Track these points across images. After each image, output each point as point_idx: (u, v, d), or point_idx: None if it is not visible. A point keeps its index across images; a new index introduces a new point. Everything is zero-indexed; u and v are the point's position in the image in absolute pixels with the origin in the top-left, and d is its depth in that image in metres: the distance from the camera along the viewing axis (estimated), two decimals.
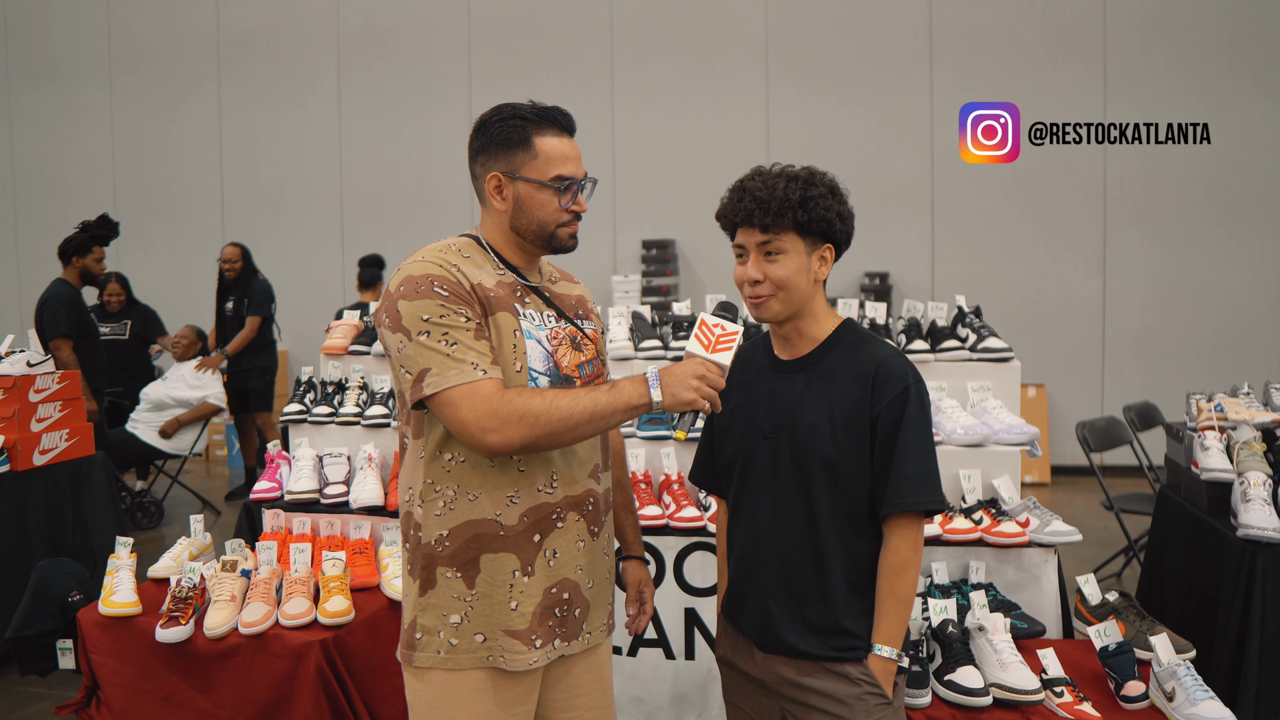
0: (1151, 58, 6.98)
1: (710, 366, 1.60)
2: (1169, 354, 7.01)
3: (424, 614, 1.64)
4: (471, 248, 1.70)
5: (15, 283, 9.11)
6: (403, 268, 1.63)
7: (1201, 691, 2.02)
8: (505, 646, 1.62)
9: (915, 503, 1.64)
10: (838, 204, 1.68)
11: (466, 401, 1.52)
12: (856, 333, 1.75)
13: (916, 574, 1.67)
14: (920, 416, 1.66)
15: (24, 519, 3.85)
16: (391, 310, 1.58)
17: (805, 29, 7.51)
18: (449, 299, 1.57)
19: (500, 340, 1.61)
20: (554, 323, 1.71)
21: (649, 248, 7.57)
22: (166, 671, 2.55)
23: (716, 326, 1.63)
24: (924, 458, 1.66)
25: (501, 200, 1.68)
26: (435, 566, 1.63)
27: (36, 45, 8.94)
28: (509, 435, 1.52)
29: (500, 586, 1.62)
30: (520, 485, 1.63)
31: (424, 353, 1.55)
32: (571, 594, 1.69)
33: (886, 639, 1.66)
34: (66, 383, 4.19)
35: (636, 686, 2.79)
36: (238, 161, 8.59)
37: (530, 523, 1.63)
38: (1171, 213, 7.00)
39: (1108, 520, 5.10)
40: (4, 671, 3.65)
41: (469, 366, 1.53)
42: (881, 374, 1.66)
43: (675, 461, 2.96)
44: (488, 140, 1.68)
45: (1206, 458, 2.97)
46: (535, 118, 1.67)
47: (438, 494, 1.63)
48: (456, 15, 8.03)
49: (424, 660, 1.63)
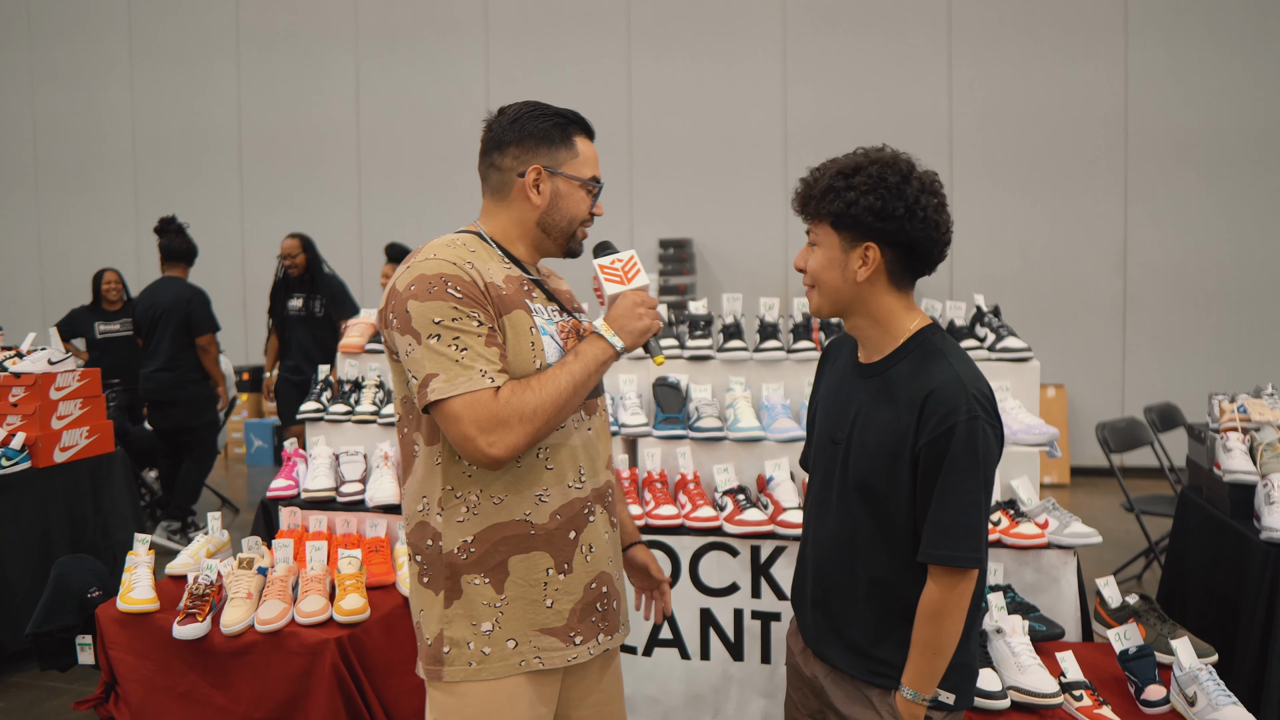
0: (1174, 44, 6.91)
1: (640, 293, 1.65)
2: (1191, 354, 6.94)
3: (451, 626, 1.59)
4: (476, 243, 1.65)
5: (36, 255, 9.21)
6: (413, 265, 1.57)
7: (1224, 696, 1.99)
8: (541, 646, 1.60)
9: (944, 558, 1.52)
10: (882, 199, 1.53)
11: (469, 411, 1.47)
12: (929, 345, 1.59)
13: (955, 624, 1.54)
14: (967, 458, 1.50)
15: (45, 515, 3.89)
16: (401, 311, 1.54)
17: (822, 24, 7.48)
18: (462, 301, 1.52)
19: (518, 339, 1.58)
20: (559, 316, 1.70)
21: (666, 247, 7.56)
22: (184, 668, 2.57)
23: (615, 262, 1.67)
24: (962, 508, 1.51)
25: (538, 194, 1.65)
26: (460, 575, 1.58)
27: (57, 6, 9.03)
28: (513, 440, 1.49)
29: (534, 586, 1.59)
30: (550, 483, 1.61)
31: (433, 357, 1.50)
32: (609, 587, 1.70)
33: (912, 681, 1.57)
34: (87, 380, 4.22)
35: (651, 686, 2.78)
36: (256, 134, 8.64)
37: (564, 520, 1.62)
38: (1194, 212, 6.93)
39: (1128, 522, 5.06)
40: (25, 666, 3.69)
41: (477, 374, 1.49)
42: (931, 404, 1.51)
43: (691, 461, 2.95)
44: (526, 133, 1.65)
45: (1229, 459, 2.93)
46: (574, 119, 1.69)
47: (459, 500, 1.59)
48: (474, 14, 8.05)
49: (455, 674, 1.58)
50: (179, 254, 5.61)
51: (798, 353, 3.10)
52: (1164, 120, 6.93)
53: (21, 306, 9.03)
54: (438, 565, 1.60)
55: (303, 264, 5.60)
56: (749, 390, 3.09)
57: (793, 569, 2.63)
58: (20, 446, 3.85)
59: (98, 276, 6.39)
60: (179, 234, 5.64)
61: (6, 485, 3.76)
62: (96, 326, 6.21)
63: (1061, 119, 7.07)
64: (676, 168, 7.75)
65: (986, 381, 1.59)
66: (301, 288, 5.63)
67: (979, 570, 1.54)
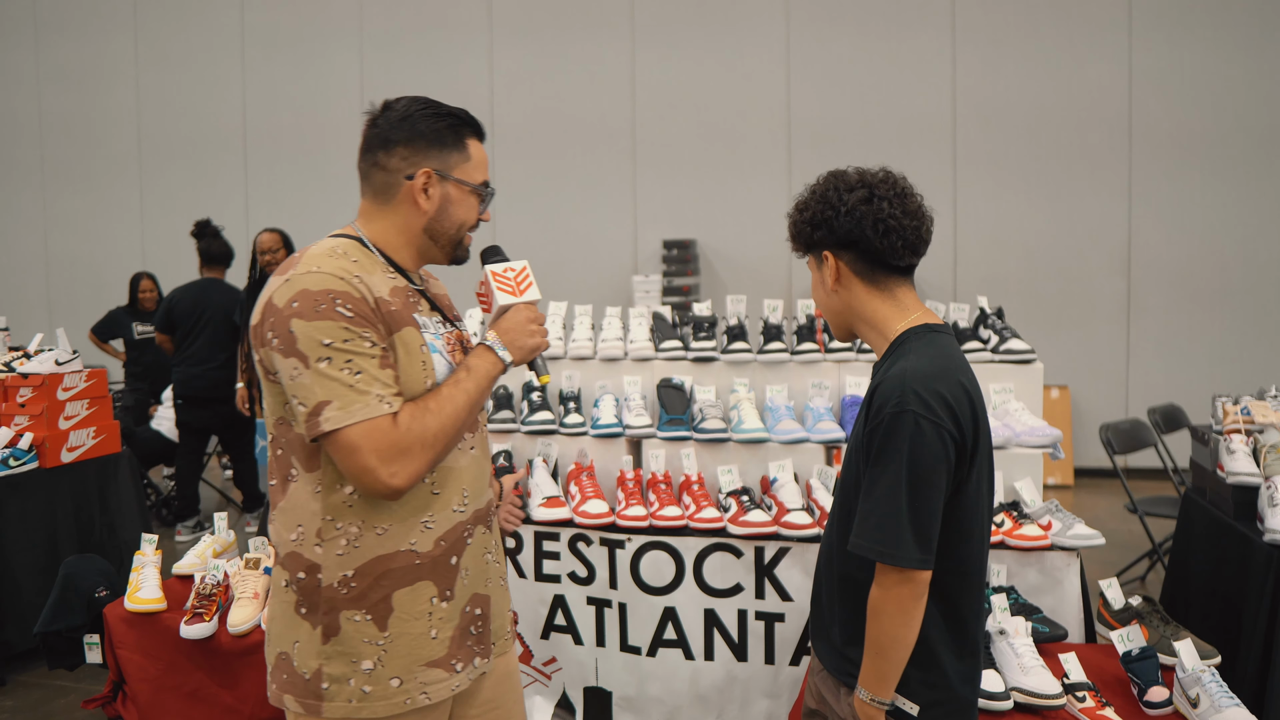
0: (1178, 43, 6.91)
1: (530, 307, 1.61)
2: (1194, 355, 6.94)
3: (330, 662, 1.49)
4: (357, 250, 1.53)
5: (42, 256, 9.24)
6: (293, 279, 1.43)
7: (1227, 698, 2.00)
8: (426, 680, 1.52)
9: (861, 547, 1.51)
10: (813, 210, 1.63)
11: (368, 441, 1.38)
12: (905, 345, 1.60)
13: (893, 625, 1.51)
14: (890, 449, 1.48)
15: (52, 515, 3.91)
16: (283, 330, 1.40)
17: (825, 25, 7.48)
18: (354, 320, 1.41)
19: (409, 358, 1.48)
20: (444, 328, 1.61)
21: (670, 248, 7.56)
22: (191, 667, 2.59)
23: (507, 271, 1.63)
24: (878, 498, 1.49)
25: (426, 199, 1.55)
26: (339, 611, 1.48)
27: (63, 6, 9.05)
28: (416, 468, 1.42)
29: (418, 619, 1.51)
30: (435, 508, 1.53)
31: (324, 383, 1.38)
32: (483, 608, 1.63)
33: (863, 680, 1.56)
34: (93, 381, 4.24)
35: (655, 687, 2.79)
36: (260, 112, 8.66)
37: (448, 545, 1.54)
38: (1198, 212, 6.92)
39: (1131, 524, 5.05)
40: (33, 665, 3.71)
41: (374, 399, 1.39)
42: (875, 399, 1.55)
43: (695, 462, 2.96)
44: (416, 133, 1.55)
45: (1232, 461, 2.94)
46: (465, 120, 1.60)
47: (339, 531, 1.48)
48: (478, 15, 8.06)
49: (335, 711, 1.49)
50: (219, 257, 5.68)
51: (801, 354, 3.11)
52: (1168, 120, 6.92)
53: (28, 307, 9.06)
54: (315, 599, 1.49)
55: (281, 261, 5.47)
56: (753, 392, 3.10)
57: (796, 571, 2.67)
58: (28, 447, 3.87)
59: (135, 281, 6.56)
60: (216, 237, 5.71)
61: (14, 485, 3.77)
62: (134, 327, 6.39)
63: (1065, 118, 7.07)
64: (680, 168, 7.76)
65: (954, 384, 1.53)
66: None
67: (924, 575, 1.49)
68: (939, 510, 1.51)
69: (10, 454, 3.79)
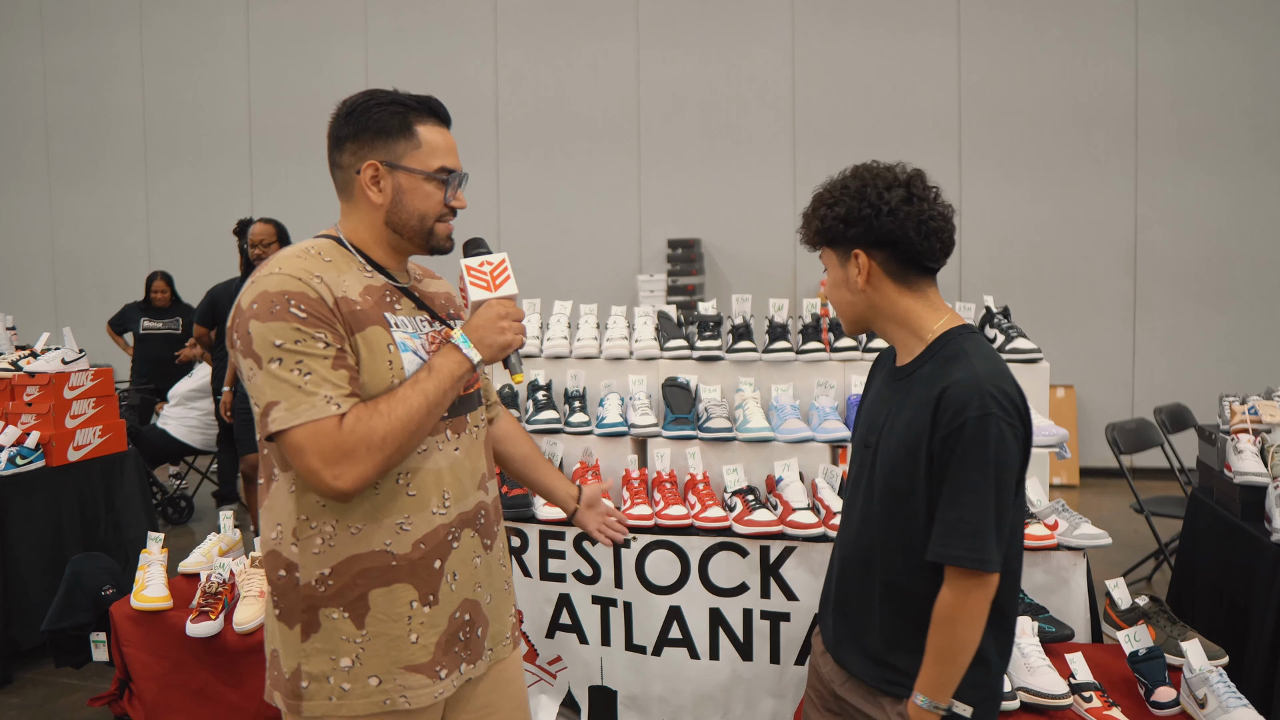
0: (1184, 41, 6.89)
1: (505, 303, 1.54)
2: (1201, 355, 6.92)
3: (309, 660, 1.49)
4: (333, 250, 1.54)
5: (49, 254, 9.27)
6: (257, 280, 1.45)
7: (1235, 699, 1.99)
8: (406, 684, 1.50)
9: (947, 556, 1.49)
10: (845, 206, 1.59)
11: (313, 441, 1.37)
12: (955, 346, 1.58)
13: (968, 630, 1.50)
14: (976, 455, 1.46)
15: (58, 514, 3.92)
16: (243, 331, 1.41)
17: (831, 24, 7.47)
18: (306, 321, 1.40)
19: (373, 358, 1.46)
20: (429, 327, 1.58)
21: (674, 247, 7.56)
22: (197, 665, 2.59)
23: (484, 265, 1.56)
24: (969, 505, 1.47)
25: (378, 192, 1.54)
26: (318, 609, 1.48)
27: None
28: (363, 470, 1.39)
29: (397, 621, 1.50)
30: (412, 510, 1.50)
31: (274, 383, 1.38)
32: (473, 614, 1.60)
33: (924, 687, 1.53)
34: (100, 380, 4.25)
35: (660, 686, 2.79)
36: (265, 106, 8.68)
37: (429, 549, 1.52)
38: (1204, 211, 6.91)
39: (1138, 524, 5.04)
40: (40, 663, 3.72)
41: (321, 400, 1.38)
42: (944, 401, 1.50)
43: (700, 461, 2.96)
44: (361, 126, 1.53)
45: (1240, 461, 2.93)
46: (416, 105, 1.56)
47: (314, 530, 1.48)
48: (483, 13, 8.06)
49: (315, 709, 1.49)
50: None
51: (807, 354, 3.11)
52: (1174, 117, 6.91)
53: (34, 305, 9.09)
54: (294, 597, 1.50)
55: None
56: (758, 391, 3.09)
57: (801, 570, 2.66)
58: (34, 445, 3.88)
59: (150, 280, 6.65)
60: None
61: (20, 484, 3.79)
62: (142, 321, 6.45)
63: (1071, 116, 7.05)
64: (685, 167, 7.76)
65: (1014, 382, 1.54)
66: None
67: (997, 577, 1.49)
68: (1011, 511, 1.52)
69: (17, 452, 3.81)
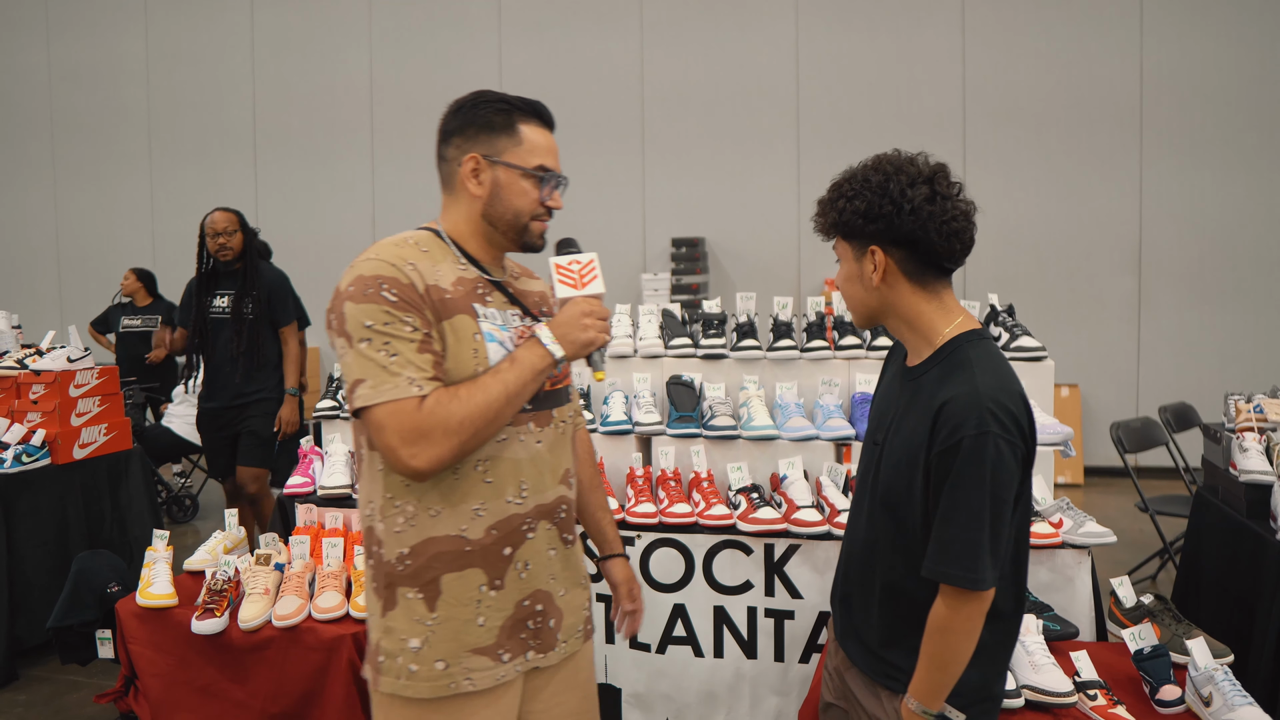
0: (1189, 39, 6.88)
1: (591, 301, 1.56)
2: (1206, 353, 6.91)
3: (385, 637, 1.55)
4: (431, 241, 1.59)
5: (54, 253, 9.29)
6: (355, 264, 1.52)
7: (1240, 697, 1.98)
8: (471, 666, 1.54)
9: (939, 574, 1.48)
10: (865, 201, 1.52)
11: (391, 420, 1.42)
12: (960, 355, 1.54)
13: (961, 642, 1.50)
14: (972, 473, 1.44)
15: (64, 511, 3.93)
16: (339, 311, 1.48)
17: (835, 21, 7.47)
18: (396, 304, 1.46)
19: (459, 345, 1.51)
20: (518, 321, 1.62)
21: (678, 245, 7.57)
22: (202, 662, 2.60)
23: (572, 264, 1.58)
24: (963, 525, 1.46)
25: (477, 184, 1.59)
26: (396, 586, 1.54)
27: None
28: (438, 452, 1.43)
29: (466, 605, 1.54)
30: (487, 497, 1.55)
31: (362, 362, 1.45)
32: (545, 605, 1.63)
33: (916, 692, 1.54)
34: (105, 378, 4.26)
35: (665, 684, 2.79)
36: (271, 105, 8.70)
37: (499, 535, 1.56)
38: (1209, 210, 6.89)
39: (1142, 522, 5.04)
40: (46, 660, 3.73)
41: (404, 381, 1.43)
42: (943, 415, 1.47)
43: (705, 459, 2.96)
44: (467, 121, 1.60)
45: (1245, 459, 2.92)
46: (521, 105, 1.61)
47: (397, 509, 1.54)
48: (487, 11, 8.07)
49: (387, 686, 1.55)
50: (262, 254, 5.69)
51: (811, 352, 3.11)
52: (1179, 116, 6.90)
53: (40, 303, 9.11)
54: (379, 572, 1.56)
55: (237, 247, 4.29)
56: (763, 389, 3.09)
57: (805, 568, 2.66)
58: (40, 443, 3.90)
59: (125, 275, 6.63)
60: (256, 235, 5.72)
61: (26, 481, 3.80)
62: (121, 319, 6.41)
63: (1076, 114, 7.04)
64: (689, 166, 7.76)
65: (1018, 396, 1.50)
66: (231, 281, 4.32)
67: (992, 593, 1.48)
68: (1010, 526, 1.50)
69: (23, 450, 3.82)
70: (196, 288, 4.35)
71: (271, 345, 4.36)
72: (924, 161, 1.56)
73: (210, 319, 4.30)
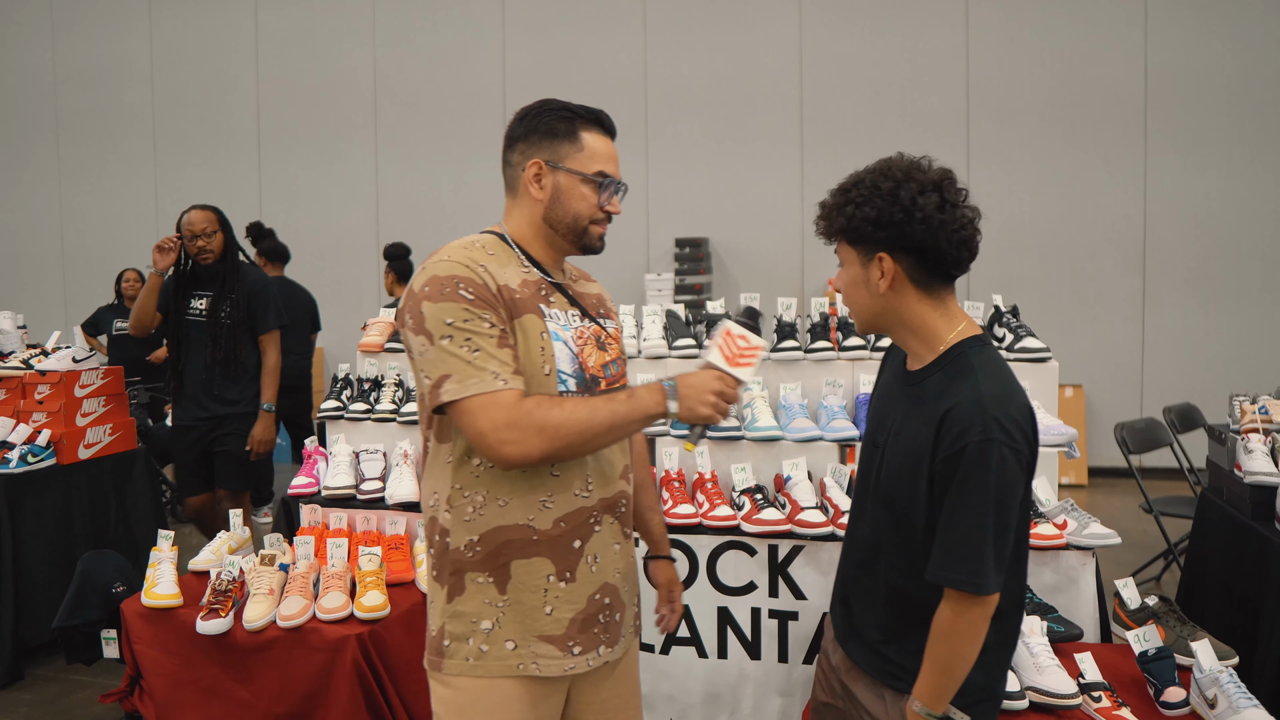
0: (1194, 40, 6.86)
1: (728, 380, 1.56)
2: (1211, 354, 6.89)
3: (453, 621, 1.61)
4: (496, 245, 1.66)
5: (59, 252, 9.31)
6: (427, 266, 1.59)
7: (1245, 699, 1.98)
8: (538, 652, 1.60)
9: (943, 578, 1.49)
10: (876, 208, 1.51)
11: (484, 412, 1.48)
12: (964, 361, 1.55)
13: (966, 646, 1.51)
14: (976, 480, 1.45)
15: (69, 511, 3.94)
16: (415, 311, 1.55)
17: (838, 22, 7.46)
18: (474, 302, 1.53)
19: (527, 343, 1.58)
20: (579, 322, 1.68)
21: (682, 246, 7.56)
22: (207, 662, 2.60)
23: (741, 339, 1.57)
24: (966, 529, 1.47)
25: (539, 189, 1.65)
26: (465, 572, 1.60)
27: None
28: (528, 447, 1.49)
29: (533, 592, 1.60)
30: (555, 490, 1.60)
31: (445, 358, 1.51)
32: (613, 598, 1.68)
33: (921, 694, 1.55)
34: (110, 378, 4.27)
35: (668, 685, 2.79)
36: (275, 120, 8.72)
37: (569, 528, 1.61)
38: (1213, 210, 6.88)
39: (1147, 523, 5.03)
40: (51, 660, 3.74)
41: (490, 375, 1.50)
42: (947, 422, 1.48)
43: (709, 460, 2.96)
44: (531, 128, 1.66)
45: (1250, 461, 2.92)
46: (583, 114, 1.67)
47: (466, 499, 1.60)
48: (491, 11, 8.08)
49: (453, 668, 1.61)
50: (282, 254, 5.81)
51: (815, 352, 3.11)
52: (1184, 113, 6.88)
53: (45, 303, 9.13)
54: (445, 561, 1.62)
55: (218, 248, 4.00)
56: (766, 390, 3.09)
57: (809, 569, 2.66)
58: (45, 443, 3.90)
59: (119, 277, 6.57)
60: (273, 236, 5.83)
61: (32, 481, 3.81)
62: (114, 323, 6.39)
63: (1080, 113, 7.03)
64: (692, 166, 7.76)
65: (1022, 402, 1.51)
66: (211, 283, 4.03)
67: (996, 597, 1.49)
68: (1014, 529, 1.51)
69: (29, 450, 3.83)
70: (174, 289, 4.02)
71: (250, 354, 4.05)
72: (930, 166, 1.55)
73: (187, 322, 3.99)
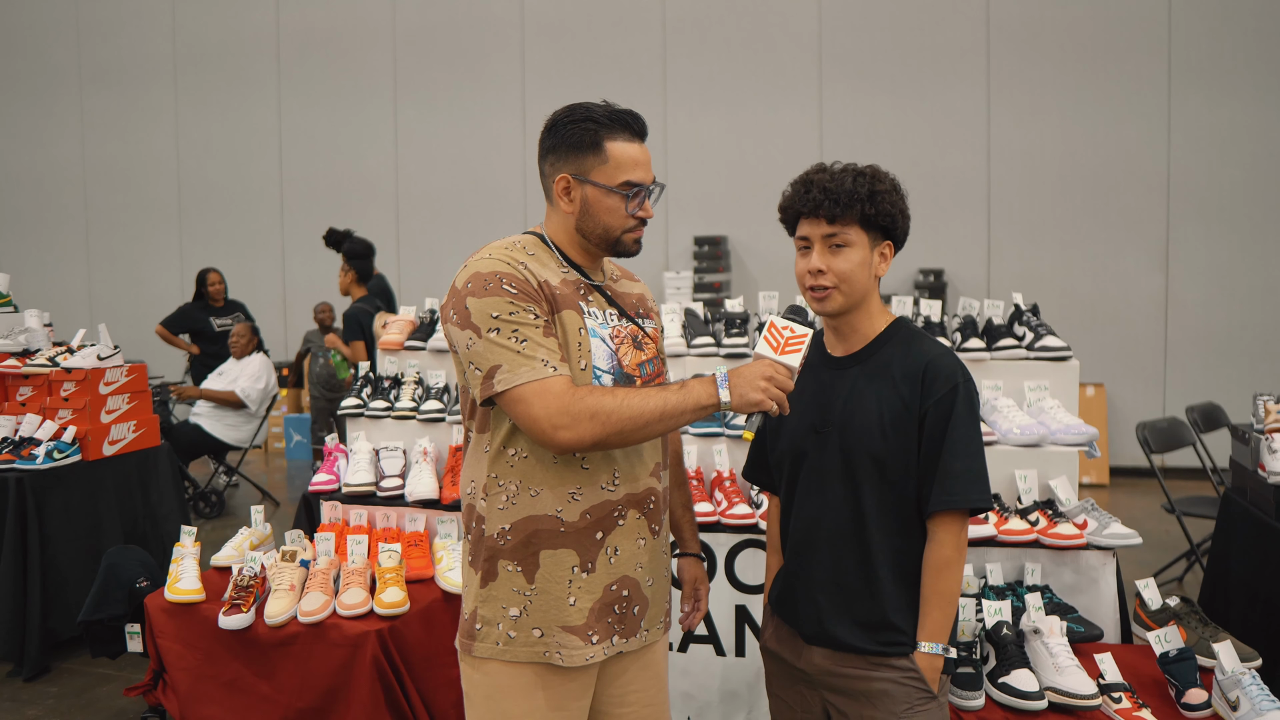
0: (1219, 45, 6.78)
1: (779, 368, 1.59)
2: (1234, 353, 6.82)
3: (484, 605, 1.66)
4: (536, 245, 1.70)
5: (86, 279, 9.41)
6: (469, 264, 1.64)
7: (1268, 701, 1.96)
8: (562, 642, 1.63)
9: (963, 500, 1.64)
10: (901, 201, 1.72)
11: (538, 399, 1.53)
12: (908, 330, 1.77)
13: (960, 572, 1.68)
14: (969, 415, 1.66)
15: (95, 507, 3.99)
16: (460, 307, 1.60)
17: (859, 22, 7.43)
18: (518, 296, 1.58)
19: (566, 338, 1.62)
20: (616, 321, 1.72)
21: (701, 244, 7.56)
22: (229, 657, 2.63)
23: (786, 329, 1.62)
24: (972, 456, 1.66)
25: (569, 202, 1.68)
26: (497, 559, 1.65)
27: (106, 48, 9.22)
28: (580, 432, 1.53)
29: (559, 582, 1.63)
30: (583, 482, 1.64)
31: (494, 350, 1.56)
32: (631, 591, 1.71)
33: (931, 635, 1.66)
34: (134, 376, 4.32)
35: (687, 682, 2.80)
36: (297, 160, 8.78)
37: (593, 520, 1.65)
38: (1238, 206, 6.80)
39: (1169, 524, 4.98)
40: (76, 653, 3.79)
41: (539, 363, 1.55)
42: (930, 372, 1.67)
43: (727, 458, 2.96)
44: (558, 141, 1.67)
45: (1274, 461, 2.89)
46: (607, 121, 1.66)
47: (501, 488, 1.65)
48: (510, 14, 8.10)
49: (483, 651, 1.66)
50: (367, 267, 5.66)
51: None
52: (1207, 179, 6.82)
53: (70, 302, 9.23)
54: (480, 547, 1.67)
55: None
56: None
57: None
58: (71, 440, 3.96)
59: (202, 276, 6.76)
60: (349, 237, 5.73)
61: (58, 478, 3.86)
62: (213, 321, 6.61)
63: (1102, 176, 6.96)
64: (712, 166, 7.75)
65: None
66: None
67: None
68: None
69: (54, 446, 3.88)
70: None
71: None
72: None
73: None
